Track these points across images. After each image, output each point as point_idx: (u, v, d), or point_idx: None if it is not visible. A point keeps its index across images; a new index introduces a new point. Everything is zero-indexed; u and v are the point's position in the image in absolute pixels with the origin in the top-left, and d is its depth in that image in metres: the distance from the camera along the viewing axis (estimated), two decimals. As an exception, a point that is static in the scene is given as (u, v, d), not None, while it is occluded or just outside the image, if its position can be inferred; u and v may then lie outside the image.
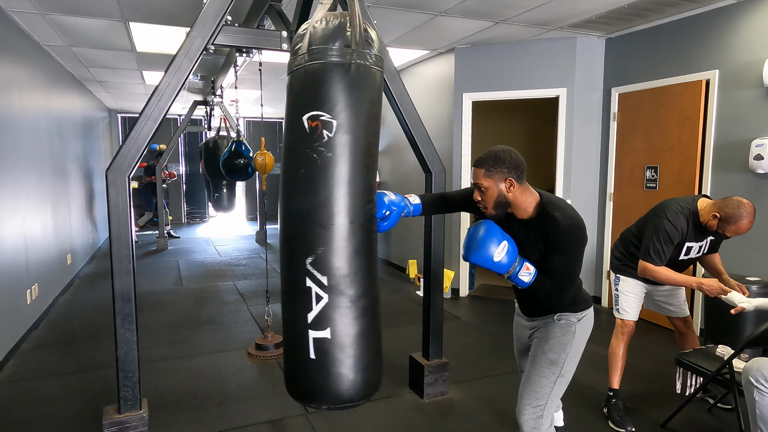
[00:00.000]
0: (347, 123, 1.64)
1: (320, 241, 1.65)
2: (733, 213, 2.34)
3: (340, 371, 1.68)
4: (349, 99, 1.65)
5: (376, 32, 1.79)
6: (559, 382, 1.90)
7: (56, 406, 2.96)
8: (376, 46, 1.73)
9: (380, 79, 1.74)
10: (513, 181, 1.79)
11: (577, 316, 1.93)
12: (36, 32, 4.47)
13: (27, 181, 4.21)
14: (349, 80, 1.64)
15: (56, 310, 4.83)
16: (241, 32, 2.62)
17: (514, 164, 1.80)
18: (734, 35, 3.66)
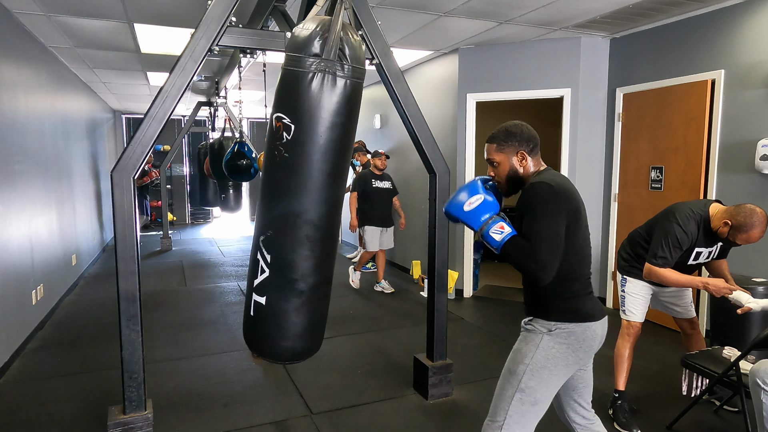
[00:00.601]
0: (304, 129, 1.87)
1: (271, 225, 1.98)
2: (744, 221, 2.31)
3: (268, 332, 2.07)
4: (307, 107, 1.88)
5: (361, 40, 1.93)
6: (520, 400, 1.65)
7: (61, 406, 2.97)
8: (355, 55, 1.90)
9: (351, 89, 1.90)
10: (525, 154, 1.73)
11: (548, 325, 1.68)
12: (41, 34, 4.49)
13: (32, 182, 4.22)
14: (310, 90, 1.86)
15: (61, 310, 4.85)
16: (246, 33, 2.62)
17: (526, 137, 1.75)
18: (740, 35, 3.64)
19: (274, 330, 2.07)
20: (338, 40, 1.84)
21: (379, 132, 7.13)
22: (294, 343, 2.09)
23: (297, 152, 1.90)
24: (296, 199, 1.93)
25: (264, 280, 2.02)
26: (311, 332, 2.14)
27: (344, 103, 1.89)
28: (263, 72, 4.36)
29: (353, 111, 1.96)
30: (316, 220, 1.96)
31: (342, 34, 1.86)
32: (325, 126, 1.88)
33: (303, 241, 1.96)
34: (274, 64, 5.73)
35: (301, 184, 1.91)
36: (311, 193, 1.92)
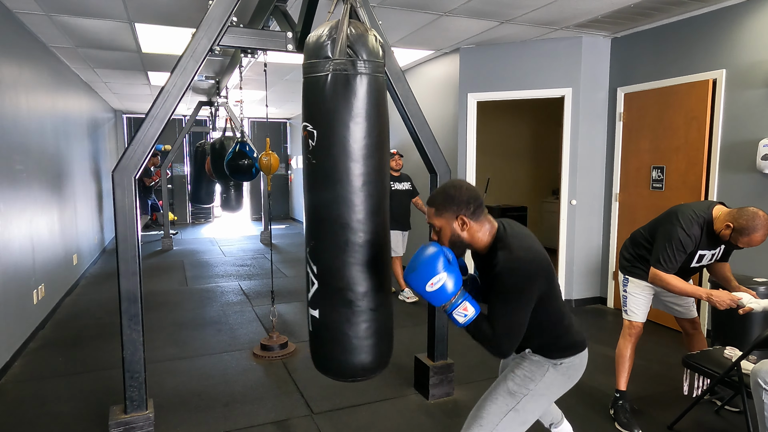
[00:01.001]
0: (325, 132, 1.84)
1: (313, 235, 1.95)
2: (747, 225, 2.28)
3: (325, 347, 1.99)
4: (325, 110, 1.84)
5: (371, 36, 1.87)
6: (512, 418, 1.72)
7: (62, 406, 2.97)
8: (367, 49, 1.84)
9: (367, 84, 1.84)
10: (465, 218, 1.62)
11: (553, 361, 1.75)
12: (42, 33, 4.50)
13: (34, 182, 4.23)
14: (324, 92, 1.83)
15: (62, 310, 4.85)
16: (247, 33, 2.62)
17: (465, 200, 1.62)
18: (741, 34, 3.63)
19: (330, 344, 1.96)
20: (345, 38, 1.82)
21: (379, 132, 7.11)
22: (352, 357, 1.94)
23: (323, 156, 1.85)
24: (329, 204, 1.87)
25: (315, 293, 1.95)
26: (370, 345, 1.96)
27: (361, 99, 1.83)
28: (264, 72, 4.36)
29: (373, 106, 1.86)
30: (353, 223, 1.87)
31: (350, 31, 1.84)
32: (346, 125, 1.82)
33: (343, 247, 1.87)
34: (275, 64, 5.74)
35: (331, 187, 1.85)
36: (343, 196, 1.85)
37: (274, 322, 3.83)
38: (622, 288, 2.79)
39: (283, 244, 8.85)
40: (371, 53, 1.86)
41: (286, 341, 3.82)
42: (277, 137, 12.30)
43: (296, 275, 6.36)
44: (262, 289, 5.65)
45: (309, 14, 2.68)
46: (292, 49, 2.80)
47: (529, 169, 7.69)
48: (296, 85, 7.30)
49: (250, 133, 11.71)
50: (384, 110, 1.93)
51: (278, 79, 6.85)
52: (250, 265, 6.96)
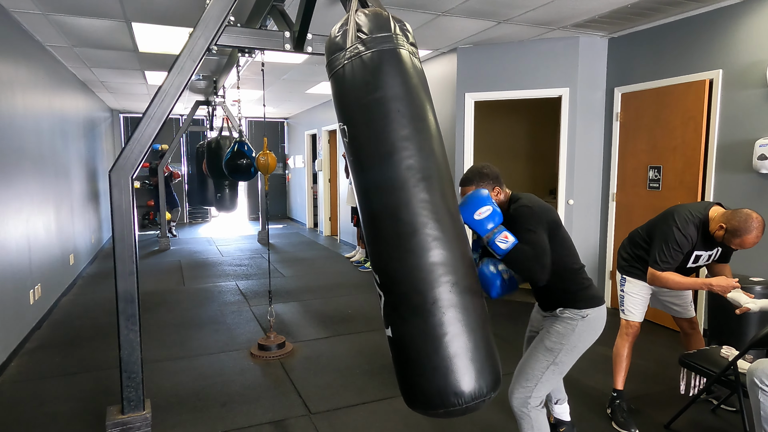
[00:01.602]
0: (354, 124, 1.65)
1: (368, 241, 1.66)
2: (739, 226, 2.30)
3: (405, 373, 1.56)
4: (348, 101, 1.68)
5: (377, 11, 1.70)
6: (552, 370, 2.03)
7: (59, 406, 2.96)
8: (372, 26, 1.65)
9: (378, 60, 1.61)
10: (499, 189, 2.08)
11: (581, 313, 2.04)
12: (39, 32, 4.48)
13: (30, 182, 4.21)
14: (344, 83, 1.68)
15: (59, 310, 4.84)
16: (244, 33, 2.62)
17: (495, 175, 2.08)
18: (738, 35, 3.64)
19: (408, 368, 1.54)
20: (354, 24, 1.74)
21: (377, 131, 7.11)
22: (434, 382, 1.47)
23: (355, 149, 1.66)
24: (369, 197, 1.61)
25: (385, 308, 1.61)
26: (459, 362, 1.47)
27: (375, 76, 1.61)
28: (262, 71, 4.36)
29: (388, 80, 1.61)
30: (397, 214, 1.55)
31: (358, 18, 1.70)
32: (368, 108, 1.61)
33: (393, 241, 1.55)
34: (273, 63, 5.73)
35: (367, 179, 1.61)
36: (376, 183, 1.58)
37: (271, 322, 3.83)
38: (620, 287, 2.80)
39: (280, 243, 8.85)
40: (378, 28, 1.65)
41: (284, 341, 3.81)
42: (275, 137, 12.29)
43: (294, 275, 6.36)
44: (260, 288, 5.64)
45: (306, 14, 2.68)
46: (290, 48, 2.80)
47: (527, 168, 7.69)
48: (294, 84, 7.30)
49: (247, 132, 11.70)
50: (415, 85, 1.64)
51: (276, 79, 6.84)
52: (247, 265, 6.95)
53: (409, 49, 1.70)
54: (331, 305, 4.96)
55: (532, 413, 2.02)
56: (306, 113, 10.52)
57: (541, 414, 2.04)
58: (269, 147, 4.78)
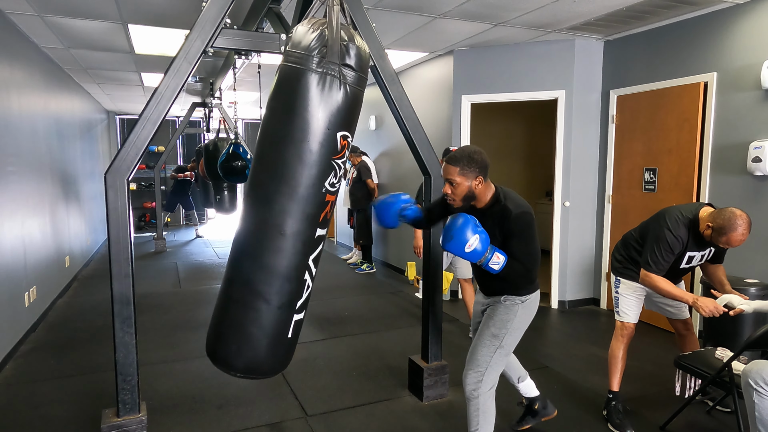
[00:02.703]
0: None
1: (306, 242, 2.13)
2: (723, 224, 2.31)
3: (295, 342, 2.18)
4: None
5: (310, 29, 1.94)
6: (499, 353, 2.17)
7: (54, 409, 2.95)
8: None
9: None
10: (482, 179, 2.07)
11: (522, 299, 2.18)
12: (34, 34, 4.47)
13: (25, 184, 4.20)
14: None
15: (54, 312, 4.82)
16: (241, 35, 2.62)
17: (484, 165, 2.06)
18: (732, 38, 3.67)
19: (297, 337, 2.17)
20: (339, 39, 1.91)
21: (374, 133, 7.13)
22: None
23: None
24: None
25: (307, 296, 2.08)
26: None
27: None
28: (258, 73, 4.35)
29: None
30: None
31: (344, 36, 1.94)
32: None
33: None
34: (269, 66, 5.73)
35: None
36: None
37: (268, 324, 3.81)
38: (614, 289, 2.81)
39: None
40: (365, 69, 2.02)
41: (280, 343, 3.80)
42: (272, 138, 12.25)
43: (290, 277, 6.34)
44: (256, 290, 5.62)
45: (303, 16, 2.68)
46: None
47: (523, 170, 7.72)
48: (290, 86, 7.28)
49: (244, 134, 11.68)
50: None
51: (272, 81, 6.83)
52: (244, 267, 6.92)
53: (322, 69, 1.91)
54: (327, 307, 4.96)
55: (481, 398, 2.15)
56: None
57: (489, 399, 2.17)
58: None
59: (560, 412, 2.87)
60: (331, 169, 1.96)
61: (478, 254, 1.96)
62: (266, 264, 1.95)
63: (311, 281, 2.06)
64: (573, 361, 3.66)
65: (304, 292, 2.04)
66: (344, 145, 1.97)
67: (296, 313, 2.05)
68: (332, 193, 2.02)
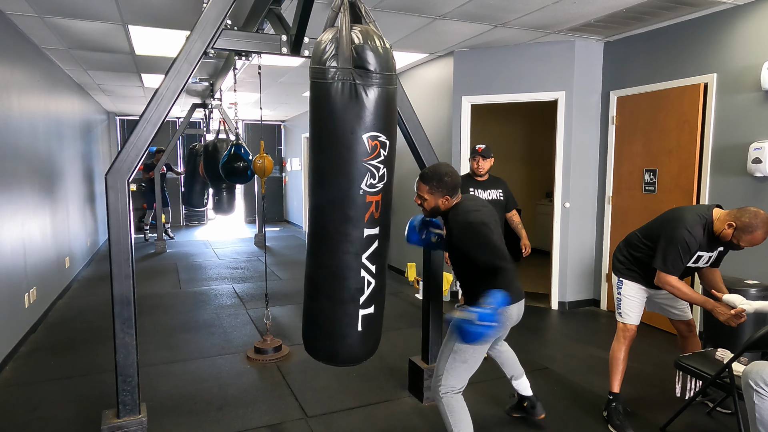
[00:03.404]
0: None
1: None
2: (750, 222, 2.30)
3: (377, 334, 2.35)
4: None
5: (385, 51, 1.99)
6: (464, 368, 2.20)
7: (54, 410, 2.95)
8: (378, 65, 1.96)
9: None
10: (449, 198, 2.20)
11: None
12: (35, 35, 4.47)
13: (26, 185, 4.20)
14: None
15: (54, 313, 4.81)
16: (241, 36, 2.62)
17: (453, 186, 2.18)
18: (732, 39, 3.67)
19: (379, 329, 2.30)
20: (352, 47, 1.92)
21: (374, 134, 7.12)
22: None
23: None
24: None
25: (371, 292, 2.12)
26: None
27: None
28: (258, 74, 4.36)
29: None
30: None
31: (355, 37, 1.94)
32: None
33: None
34: (270, 67, 5.74)
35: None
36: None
37: (268, 325, 3.82)
38: (616, 290, 2.80)
39: (277, 246, 8.83)
40: (386, 67, 1.97)
41: (280, 344, 3.81)
42: (272, 140, 12.28)
43: (290, 278, 6.34)
44: (256, 291, 5.63)
45: (303, 17, 2.68)
46: (287, 52, 2.80)
47: (523, 171, 7.72)
48: (290, 87, 7.30)
49: (244, 135, 11.69)
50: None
51: (273, 82, 6.84)
52: (244, 268, 6.94)
53: (335, 77, 1.94)
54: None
55: (444, 399, 2.20)
56: (303, 116, 10.53)
57: (453, 400, 2.20)
58: (266, 150, 4.78)
59: (560, 413, 2.88)
60: (367, 171, 1.97)
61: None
62: (322, 263, 2.10)
63: (372, 277, 2.09)
64: (573, 362, 3.66)
65: (366, 289, 2.09)
66: (375, 146, 1.96)
67: (362, 308, 2.11)
68: (373, 193, 2.01)
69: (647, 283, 2.69)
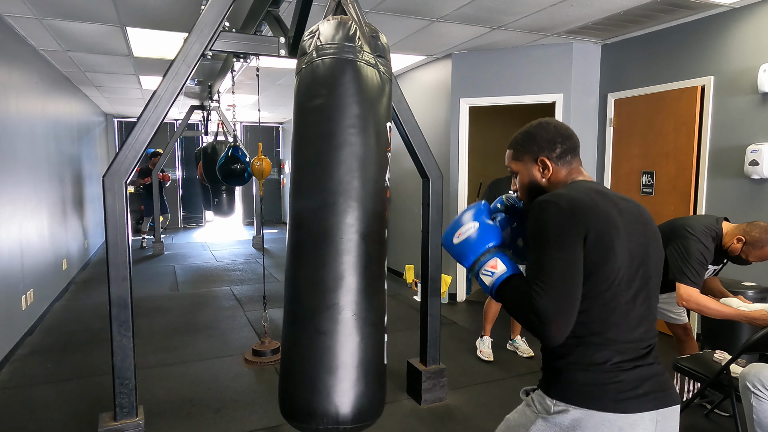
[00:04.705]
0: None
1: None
2: (760, 237, 2.29)
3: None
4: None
5: (339, 23, 1.65)
6: None
7: (51, 413, 2.93)
8: (330, 37, 1.61)
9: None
10: (547, 161, 1.29)
11: (546, 403, 1.21)
12: (33, 37, 4.47)
13: (23, 186, 4.19)
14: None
15: (51, 315, 4.80)
16: (239, 38, 2.62)
17: (549, 139, 1.29)
18: (729, 42, 3.68)
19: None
20: (317, 31, 1.65)
21: (372, 136, 7.13)
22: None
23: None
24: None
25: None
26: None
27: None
28: (257, 76, 4.36)
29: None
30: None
31: (320, 24, 1.66)
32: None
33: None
34: (268, 69, 5.74)
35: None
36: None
37: (266, 327, 3.81)
38: None
39: (275, 248, 8.82)
40: (338, 37, 1.60)
41: (278, 346, 3.80)
42: (270, 142, 12.28)
43: (288, 280, 6.33)
44: (254, 293, 5.62)
45: (301, 19, 2.69)
46: (285, 54, 2.81)
47: (521, 173, 7.73)
48: (289, 89, 7.30)
49: (242, 137, 11.69)
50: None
51: (271, 84, 6.84)
52: (242, 270, 6.93)
53: (365, 59, 1.61)
54: (325, 310, 4.94)
55: None
56: (301, 118, 10.51)
57: None
58: (264, 152, 4.77)
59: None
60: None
61: (469, 250, 1.27)
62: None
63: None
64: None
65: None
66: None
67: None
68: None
69: None
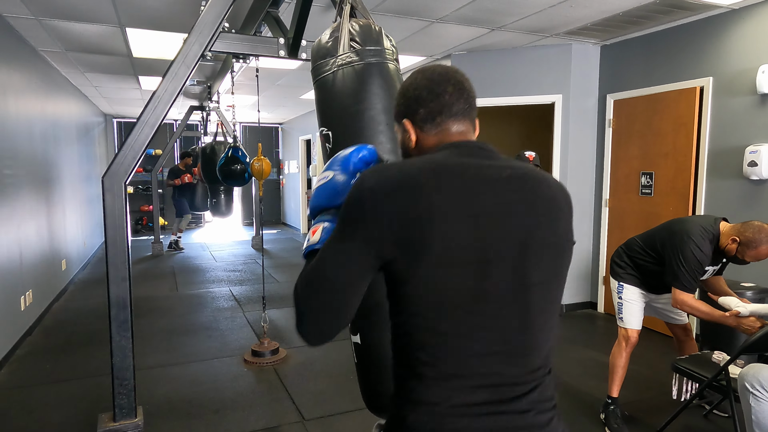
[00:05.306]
0: (333, 132, 1.73)
1: None
2: (753, 237, 2.29)
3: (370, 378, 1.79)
4: (329, 108, 1.76)
5: (374, 27, 1.81)
6: None
7: (50, 413, 2.93)
8: (364, 38, 1.74)
9: (370, 72, 1.68)
10: (408, 124, 1.01)
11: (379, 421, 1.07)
12: (32, 37, 4.47)
13: (22, 187, 4.19)
14: (327, 92, 1.74)
15: (51, 316, 4.80)
16: (239, 39, 2.63)
17: (413, 97, 1.00)
18: (728, 43, 3.69)
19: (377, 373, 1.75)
20: (348, 32, 1.72)
21: (371, 137, 7.13)
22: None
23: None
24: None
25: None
26: None
27: (365, 87, 1.66)
28: (256, 77, 4.37)
29: (378, 92, 1.66)
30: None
31: (352, 26, 1.75)
32: (354, 118, 1.65)
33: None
34: (267, 69, 5.74)
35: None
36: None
37: (265, 328, 3.81)
38: (617, 295, 2.79)
39: (274, 249, 8.82)
40: (375, 41, 1.72)
41: (277, 347, 3.80)
42: (269, 142, 12.28)
43: (287, 280, 6.34)
44: (254, 294, 5.62)
45: (301, 20, 2.69)
46: (284, 54, 2.81)
47: (520, 174, 7.73)
48: (288, 90, 7.30)
49: (241, 138, 11.68)
50: (378, 95, 1.69)
51: (270, 84, 6.85)
52: (241, 271, 6.92)
53: (395, 65, 1.79)
54: (325, 311, 4.94)
55: None
56: (300, 119, 10.53)
57: None
58: (264, 152, 4.77)
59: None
60: None
61: (313, 200, 1.08)
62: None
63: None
64: (570, 364, 3.66)
65: None
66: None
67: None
68: None
69: (647, 288, 2.70)
